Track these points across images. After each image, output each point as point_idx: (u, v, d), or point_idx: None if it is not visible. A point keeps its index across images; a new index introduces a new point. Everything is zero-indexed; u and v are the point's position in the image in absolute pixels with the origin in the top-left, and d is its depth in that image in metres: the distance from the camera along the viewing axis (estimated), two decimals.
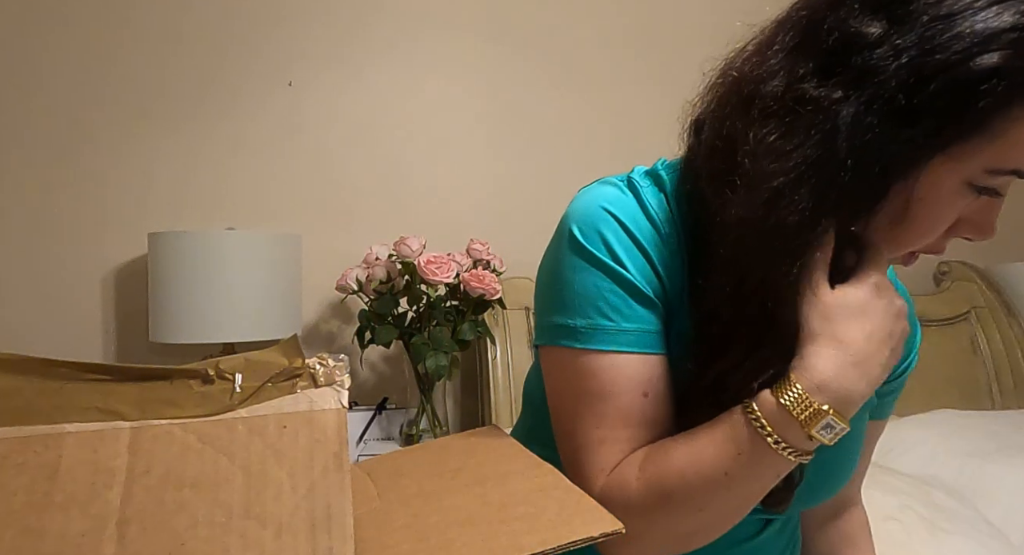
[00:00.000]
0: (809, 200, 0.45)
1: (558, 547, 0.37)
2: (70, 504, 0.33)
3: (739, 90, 0.51)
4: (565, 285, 0.55)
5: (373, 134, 1.73)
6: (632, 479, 0.51)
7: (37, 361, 0.37)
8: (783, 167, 0.46)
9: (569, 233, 0.55)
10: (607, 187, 0.57)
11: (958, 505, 1.17)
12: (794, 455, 0.47)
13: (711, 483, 0.48)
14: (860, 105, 0.44)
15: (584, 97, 1.87)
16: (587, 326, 0.53)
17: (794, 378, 0.47)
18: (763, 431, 0.47)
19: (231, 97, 1.66)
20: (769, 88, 0.48)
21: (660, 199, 0.56)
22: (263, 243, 1.40)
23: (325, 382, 0.41)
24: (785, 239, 0.47)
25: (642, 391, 0.53)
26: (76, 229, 1.57)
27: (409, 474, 0.50)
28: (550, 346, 0.56)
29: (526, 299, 1.66)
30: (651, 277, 0.54)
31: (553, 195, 1.82)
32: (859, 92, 0.44)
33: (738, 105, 0.50)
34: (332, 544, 0.35)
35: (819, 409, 0.46)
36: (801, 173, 0.45)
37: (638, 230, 0.54)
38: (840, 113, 0.44)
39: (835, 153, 0.45)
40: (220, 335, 1.34)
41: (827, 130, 0.45)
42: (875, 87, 0.44)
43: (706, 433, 0.50)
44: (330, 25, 1.71)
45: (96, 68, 1.58)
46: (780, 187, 0.46)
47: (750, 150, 0.48)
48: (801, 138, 0.46)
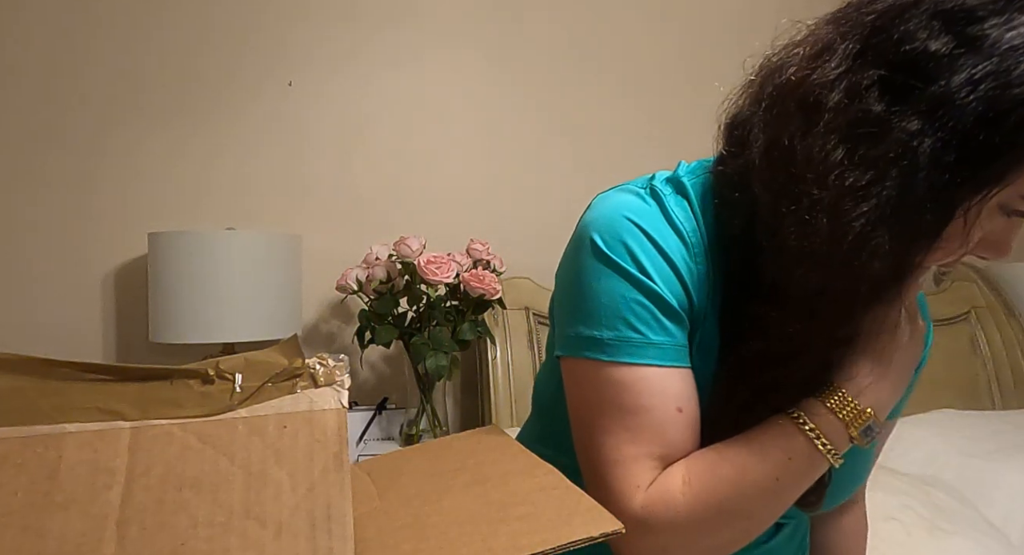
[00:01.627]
0: (889, 242, 0.44)
1: (558, 547, 0.37)
2: (70, 504, 0.33)
3: (796, 95, 0.48)
4: (589, 295, 0.53)
5: (373, 134, 1.73)
6: (677, 494, 0.50)
7: (37, 361, 0.37)
8: (864, 208, 0.44)
9: (591, 242, 0.53)
10: (627, 195, 0.55)
11: (958, 505, 1.17)
12: (836, 457, 0.50)
13: (763, 490, 0.50)
14: (938, 142, 0.42)
15: (584, 97, 1.87)
16: (615, 338, 0.52)
17: (837, 384, 0.51)
18: (812, 435, 0.50)
19: (231, 97, 1.66)
20: (832, 99, 0.45)
21: (684, 207, 0.54)
22: (263, 243, 1.40)
23: (325, 382, 0.41)
24: (868, 283, 0.46)
25: (676, 406, 0.52)
26: (76, 229, 1.57)
27: (409, 474, 0.50)
28: (575, 358, 0.54)
29: (526, 299, 1.66)
30: (678, 289, 0.53)
31: (553, 195, 1.83)
32: (935, 124, 0.42)
33: (796, 113, 0.47)
34: (332, 544, 0.35)
35: (863, 411, 0.50)
36: (882, 214, 0.44)
37: (663, 241, 0.52)
38: (919, 149, 0.42)
39: (915, 192, 0.43)
40: (220, 335, 1.34)
41: (906, 167, 0.43)
42: (952, 119, 0.41)
43: (751, 442, 0.51)
44: (331, 25, 1.71)
45: (98, 67, 1.58)
46: (862, 231, 0.44)
47: (816, 170, 0.45)
48: (878, 172, 0.44)
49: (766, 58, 0.52)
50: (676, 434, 0.52)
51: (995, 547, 1.08)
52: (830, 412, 0.50)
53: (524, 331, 1.63)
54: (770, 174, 0.49)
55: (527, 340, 1.62)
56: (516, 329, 1.63)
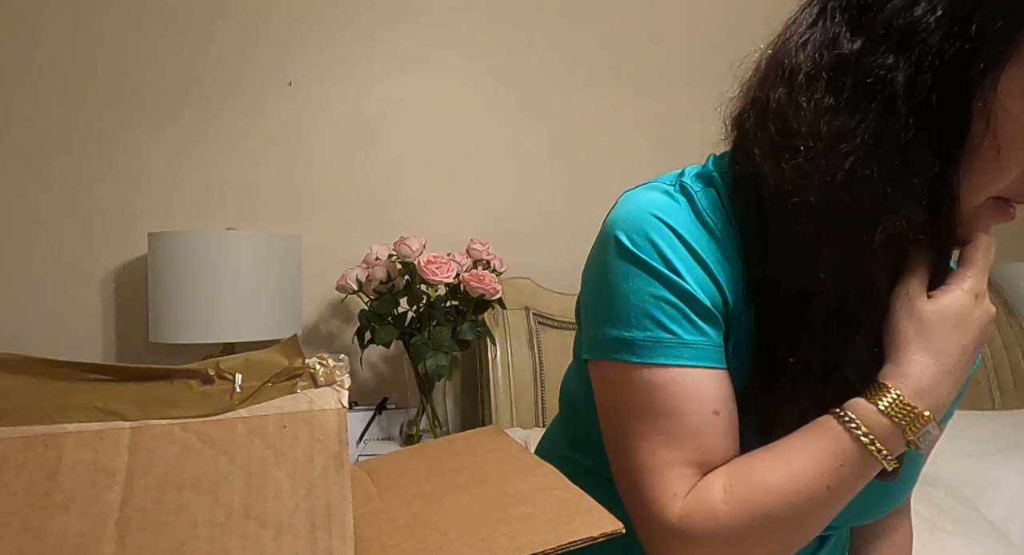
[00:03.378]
0: (880, 173, 0.45)
1: (558, 547, 0.37)
2: (70, 504, 0.33)
3: (777, 65, 0.50)
4: (616, 295, 0.51)
5: (373, 134, 1.73)
6: (719, 503, 0.48)
7: (37, 361, 0.36)
8: (851, 146, 0.45)
9: (616, 240, 0.52)
10: (655, 193, 0.53)
11: (958, 505, 1.17)
12: (891, 461, 0.47)
13: (813, 499, 0.47)
14: (911, 66, 0.43)
15: (585, 98, 1.87)
16: (646, 339, 0.50)
17: (891, 385, 0.47)
18: (866, 439, 0.46)
19: (231, 97, 1.66)
20: (807, 53, 0.47)
21: (714, 200, 0.53)
22: (263, 243, 1.40)
23: (325, 382, 0.41)
24: (861, 219, 0.45)
25: (712, 409, 0.49)
26: (76, 229, 1.57)
27: (409, 474, 0.50)
28: (604, 360, 0.52)
29: (526, 299, 1.66)
30: (710, 288, 0.51)
31: (554, 195, 1.83)
32: (908, 53, 0.44)
33: (779, 77, 0.49)
34: (332, 544, 0.35)
35: (920, 415, 0.46)
36: (869, 148, 0.45)
37: (694, 239, 0.51)
38: (895, 79, 0.44)
39: (897, 121, 0.44)
40: (220, 335, 1.34)
41: (886, 98, 0.44)
42: (922, 44, 0.43)
43: (798, 447, 0.48)
44: (331, 25, 1.71)
45: (97, 67, 1.58)
46: (852, 168, 0.45)
47: (805, 117, 0.46)
48: (863, 112, 0.45)
49: (755, 55, 0.54)
50: (713, 439, 0.49)
51: (995, 547, 1.08)
52: (883, 415, 0.47)
53: (524, 331, 1.63)
54: (766, 136, 0.49)
55: (527, 340, 1.62)
56: (516, 329, 1.63)
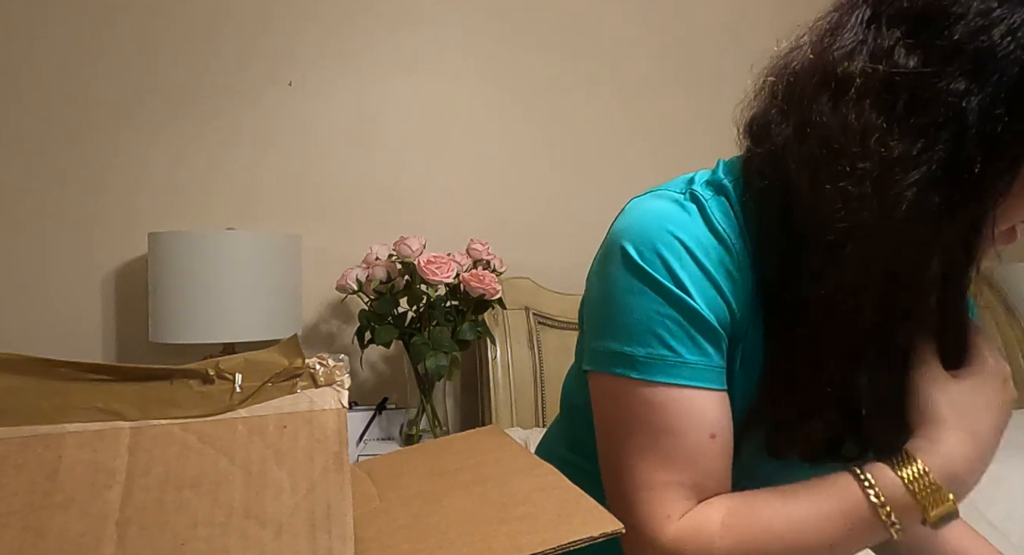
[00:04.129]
0: (941, 206, 0.42)
1: (558, 547, 0.37)
2: (70, 504, 0.33)
3: (817, 72, 0.46)
4: (620, 308, 0.50)
5: (373, 134, 1.73)
6: (715, 536, 0.47)
7: (37, 361, 0.36)
8: (917, 174, 0.42)
9: (623, 252, 0.51)
10: (664, 202, 0.52)
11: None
12: (901, 533, 0.45)
13: (812, 551, 0.46)
14: (987, 97, 0.41)
15: (585, 98, 1.87)
16: (647, 355, 0.49)
17: (923, 462, 0.45)
18: (880, 507, 0.45)
19: (231, 97, 1.66)
20: (857, 66, 0.44)
21: (726, 209, 0.51)
22: (263, 243, 1.40)
23: (325, 382, 0.41)
24: (918, 251, 0.44)
25: (709, 432, 0.49)
26: (76, 229, 1.57)
27: (409, 474, 0.50)
28: (603, 373, 0.52)
29: (526, 299, 1.66)
30: (718, 304, 0.50)
31: (553, 195, 1.83)
32: (981, 80, 0.41)
33: (821, 88, 0.46)
34: (332, 544, 0.35)
35: (944, 496, 0.45)
36: (935, 178, 0.42)
37: (704, 253, 0.49)
38: (967, 108, 0.41)
39: (966, 151, 0.41)
40: (220, 335, 1.34)
41: (955, 128, 0.41)
42: (998, 72, 0.40)
43: (808, 496, 0.47)
44: (331, 25, 1.71)
45: (97, 67, 1.58)
46: (916, 198, 0.42)
47: (855, 139, 0.43)
48: (928, 137, 0.42)
49: (774, 57, 0.51)
50: (709, 462, 0.49)
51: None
52: (905, 488, 0.44)
53: (524, 331, 1.63)
54: (807, 151, 0.46)
55: (527, 340, 1.62)
56: (516, 329, 1.63)
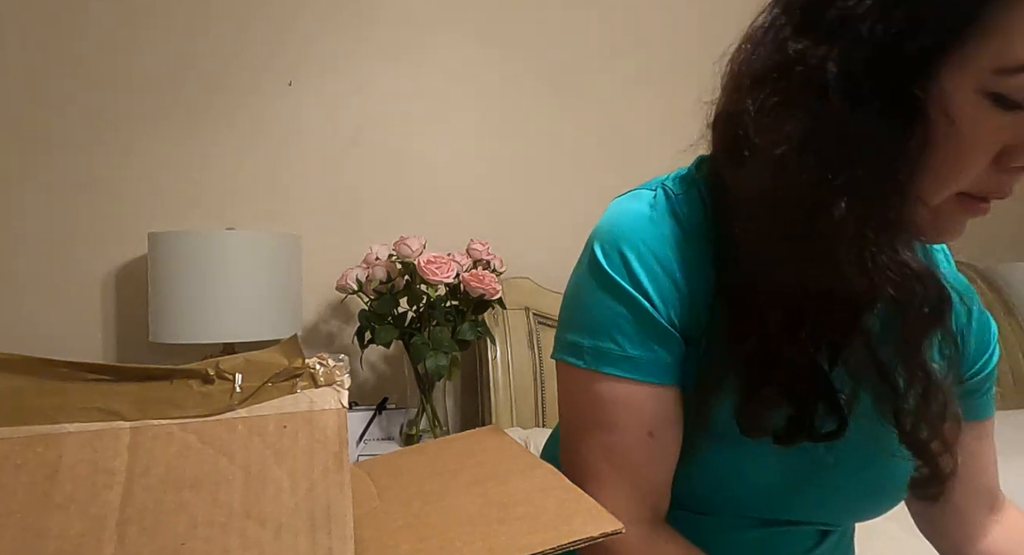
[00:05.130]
0: (814, 164, 0.44)
1: (558, 547, 0.37)
2: (70, 504, 0.33)
3: (735, 70, 0.50)
4: (580, 304, 0.54)
5: (373, 134, 1.73)
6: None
7: (37, 361, 0.36)
8: (784, 133, 0.44)
9: (591, 253, 0.54)
10: (635, 202, 0.54)
11: None
12: None
13: None
14: (843, 53, 0.43)
15: (585, 100, 1.87)
16: (594, 347, 0.52)
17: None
18: None
19: (230, 97, 1.66)
20: (757, 57, 0.48)
21: (694, 203, 0.53)
22: (263, 243, 1.41)
23: (325, 382, 0.41)
24: (796, 212, 0.45)
25: (647, 430, 0.51)
26: (76, 229, 1.57)
27: (409, 474, 0.50)
28: (560, 361, 0.56)
29: (526, 299, 1.66)
30: (675, 304, 0.51)
31: (553, 195, 1.83)
32: (838, 42, 0.43)
33: (735, 81, 0.50)
34: (332, 544, 0.35)
35: None
36: (801, 139, 0.44)
37: (664, 252, 0.51)
38: (827, 68, 0.43)
39: (830, 108, 0.43)
40: (220, 335, 1.34)
41: (819, 88, 0.43)
42: (853, 31, 0.42)
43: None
44: (331, 25, 1.71)
45: (96, 69, 1.58)
46: (783, 155, 0.44)
47: (751, 119, 0.46)
48: (799, 106, 0.44)
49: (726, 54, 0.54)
50: (646, 462, 0.51)
51: None
52: None
53: (524, 331, 1.63)
54: (722, 140, 0.50)
55: (527, 340, 1.62)
56: (516, 329, 1.63)
